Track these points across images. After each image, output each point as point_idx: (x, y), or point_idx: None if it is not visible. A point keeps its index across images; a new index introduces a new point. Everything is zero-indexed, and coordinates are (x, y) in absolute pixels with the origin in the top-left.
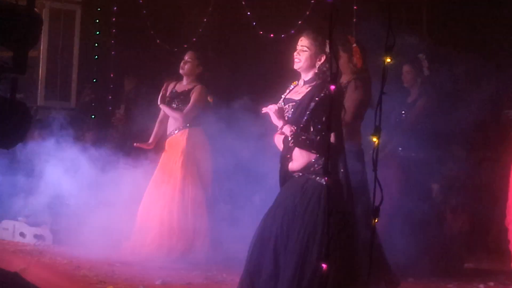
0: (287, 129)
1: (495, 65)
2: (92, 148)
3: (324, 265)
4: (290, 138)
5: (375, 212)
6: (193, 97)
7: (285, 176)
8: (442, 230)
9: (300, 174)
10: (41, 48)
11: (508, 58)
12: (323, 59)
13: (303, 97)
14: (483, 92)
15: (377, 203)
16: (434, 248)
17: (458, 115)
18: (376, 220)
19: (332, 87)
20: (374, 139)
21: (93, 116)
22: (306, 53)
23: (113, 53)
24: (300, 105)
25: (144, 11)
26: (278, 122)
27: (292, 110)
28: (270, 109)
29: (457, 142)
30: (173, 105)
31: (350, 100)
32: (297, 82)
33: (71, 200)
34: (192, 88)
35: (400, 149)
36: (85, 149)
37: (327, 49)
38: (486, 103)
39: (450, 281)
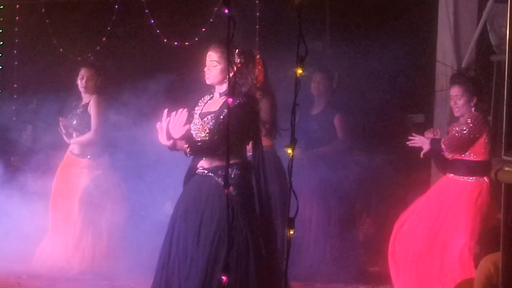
0: (180, 145)
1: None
2: None
3: (224, 278)
4: (186, 150)
5: (290, 223)
6: (93, 109)
7: (191, 171)
8: (348, 235)
9: (205, 172)
10: None
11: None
12: (234, 69)
13: (220, 107)
14: (387, 95)
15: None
16: (340, 253)
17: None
18: (291, 232)
19: (230, 100)
20: (289, 150)
21: None
22: (217, 67)
23: (16, 63)
24: (218, 116)
25: (47, 20)
26: (166, 142)
27: (213, 120)
28: (159, 129)
29: (359, 147)
30: (73, 123)
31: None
32: (210, 95)
33: None
34: (89, 101)
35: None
36: None
37: (237, 60)
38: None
39: (357, 285)
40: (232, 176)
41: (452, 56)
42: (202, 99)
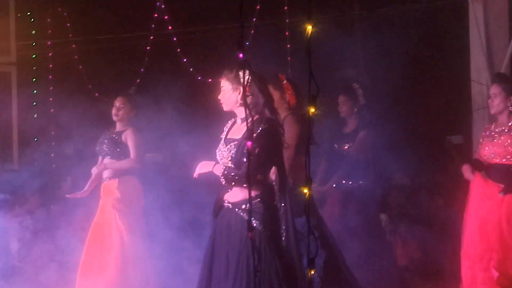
0: (218, 170)
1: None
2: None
3: None
4: (221, 177)
5: (310, 263)
6: (130, 139)
7: (218, 204)
8: (393, 260)
9: (230, 206)
10: None
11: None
12: (241, 90)
13: (242, 135)
14: (422, 117)
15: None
16: (387, 279)
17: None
18: (312, 272)
19: (249, 143)
20: (305, 190)
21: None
22: (226, 91)
23: (52, 110)
24: (241, 144)
25: (80, 66)
26: (208, 168)
27: (235, 149)
28: (198, 172)
29: (399, 170)
30: (104, 147)
31: (288, 136)
32: (234, 120)
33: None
34: (125, 130)
35: (343, 181)
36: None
37: (241, 80)
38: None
39: None
40: (257, 210)
41: (486, 74)
42: (227, 124)
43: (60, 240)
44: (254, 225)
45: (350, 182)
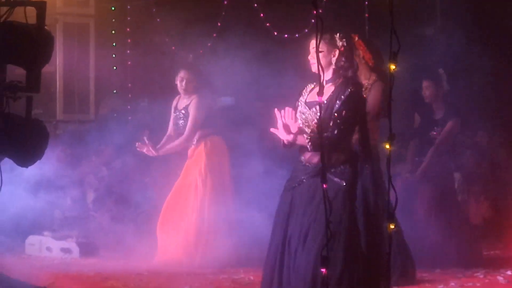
0: (301, 140)
1: None
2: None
3: (323, 270)
4: (309, 145)
5: (390, 217)
6: (191, 113)
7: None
8: (467, 220)
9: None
10: (57, 62)
11: None
12: (337, 53)
13: (329, 97)
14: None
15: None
16: (460, 238)
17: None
18: (392, 226)
19: (320, 99)
20: (387, 145)
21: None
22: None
23: (129, 63)
24: (328, 106)
25: (158, 19)
26: (288, 137)
27: (323, 111)
28: (276, 130)
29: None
30: (180, 122)
31: (370, 103)
32: (313, 84)
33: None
34: (190, 103)
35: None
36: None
37: (339, 43)
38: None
39: (477, 270)
40: (345, 175)
41: None
42: (306, 88)
43: (135, 192)
44: (343, 183)
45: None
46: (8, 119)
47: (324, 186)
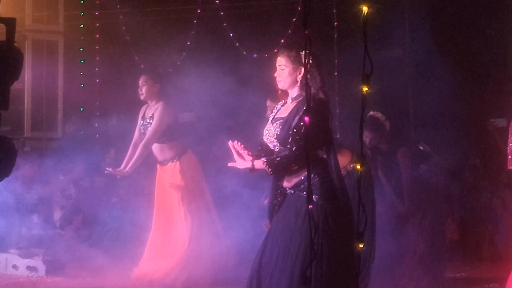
0: (259, 164)
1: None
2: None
3: None
4: (267, 170)
5: (359, 237)
6: (155, 118)
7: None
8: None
9: (292, 191)
10: (26, 79)
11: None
12: (302, 71)
13: (289, 113)
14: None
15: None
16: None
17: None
18: (361, 246)
19: (306, 118)
20: (358, 166)
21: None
22: (285, 70)
23: (97, 80)
24: (287, 122)
25: (128, 37)
26: (246, 165)
27: (280, 127)
28: (234, 163)
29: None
30: (147, 131)
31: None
32: (284, 101)
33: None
34: (155, 110)
35: None
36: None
37: (303, 61)
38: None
39: None
40: (314, 185)
41: None
42: (277, 106)
43: (103, 211)
44: (314, 199)
45: None
46: None
47: (310, 206)
